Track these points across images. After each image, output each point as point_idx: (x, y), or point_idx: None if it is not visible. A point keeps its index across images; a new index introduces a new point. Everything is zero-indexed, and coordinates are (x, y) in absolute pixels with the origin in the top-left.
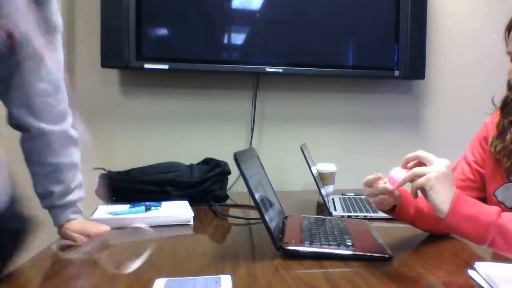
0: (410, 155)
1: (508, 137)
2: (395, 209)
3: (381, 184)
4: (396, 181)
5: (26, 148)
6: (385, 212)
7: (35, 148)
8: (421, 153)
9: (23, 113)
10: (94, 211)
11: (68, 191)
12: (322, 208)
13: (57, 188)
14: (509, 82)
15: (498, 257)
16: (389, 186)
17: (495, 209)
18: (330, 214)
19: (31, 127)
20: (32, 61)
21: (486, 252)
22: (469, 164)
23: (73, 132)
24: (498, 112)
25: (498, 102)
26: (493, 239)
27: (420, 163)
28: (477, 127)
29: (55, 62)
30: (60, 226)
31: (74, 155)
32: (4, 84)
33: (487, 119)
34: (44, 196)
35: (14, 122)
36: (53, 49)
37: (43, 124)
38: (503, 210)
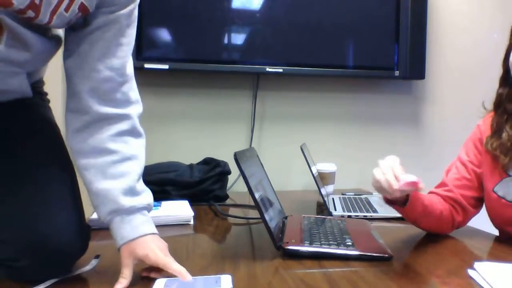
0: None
1: (504, 135)
2: (405, 205)
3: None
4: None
5: (81, 134)
6: (393, 207)
7: (92, 133)
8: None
9: (83, 90)
10: (94, 211)
11: (135, 190)
12: (322, 208)
13: (120, 184)
14: (501, 77)
15: (498, 257)
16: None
17: None
18: (330, 214)
19: (90, 110)
20: (102, 33)
21: (486, 252)
22: (464, 164)
23: (138, 124)
24: (490, 114)
25: (490, 104)
26: None
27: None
28: None
29: (127, 37)
30: (126, 243)
31: (139, 149)
32: (71, 52)
33: (480, 121)
34: (105, 196)
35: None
36: (126, 24)
37: (104, 107)
38: (504, 205)
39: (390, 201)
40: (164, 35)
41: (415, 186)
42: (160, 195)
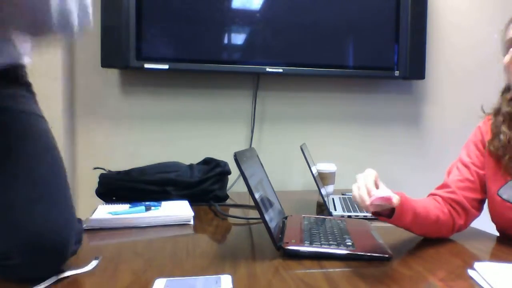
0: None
1: (502, 136)
2: (392, 215)
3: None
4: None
5: None
6: (379, 218)
7: None
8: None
9: None
10: (94, 211)
11: None
12: (322, 208)
13: None
14: (505, 88)
15: (498, 258)
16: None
17: None
18: (330, 214)
19: None
20: None
21: (485, 252)
22: (466, 166)
23: None
24: (489, 117)
25: (488, 107)
26: None
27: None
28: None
29: None
30: None
31: None
32: None
33: (480, 123)
34: None
35: None
36: None
37: None
38: (509, 208)
39: (376, 213)
40: (164, 35)
41: (388, 201)
42: (160, 195)
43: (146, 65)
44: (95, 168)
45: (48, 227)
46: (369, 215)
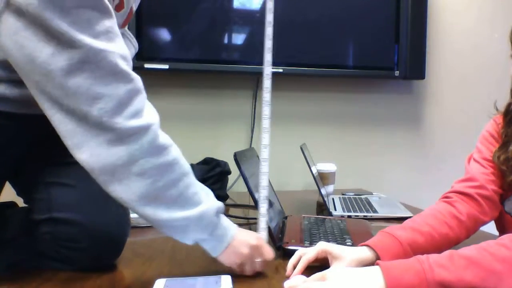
0: (310, 254)
1: (511, 148)
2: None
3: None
4: None
5: None
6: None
7: None
8: (324, 245)
9: None
10: None
11: None
12: (322, 208)
13: None
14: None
15: None
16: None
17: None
18: (330, 214)
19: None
20: None
21: None
22: (489, 160)
23: None
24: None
25: (502, 107)
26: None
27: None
28: (477, 127)
29: None
30: None
31: None
32: None
33: (495, 117)
34: None
35: None
36: None
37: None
38: (509, 221)
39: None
40: (164, 35)
41: None
42: None
43: (146, 65)
44: None
45: (116, 218)
46: (369, 215)
